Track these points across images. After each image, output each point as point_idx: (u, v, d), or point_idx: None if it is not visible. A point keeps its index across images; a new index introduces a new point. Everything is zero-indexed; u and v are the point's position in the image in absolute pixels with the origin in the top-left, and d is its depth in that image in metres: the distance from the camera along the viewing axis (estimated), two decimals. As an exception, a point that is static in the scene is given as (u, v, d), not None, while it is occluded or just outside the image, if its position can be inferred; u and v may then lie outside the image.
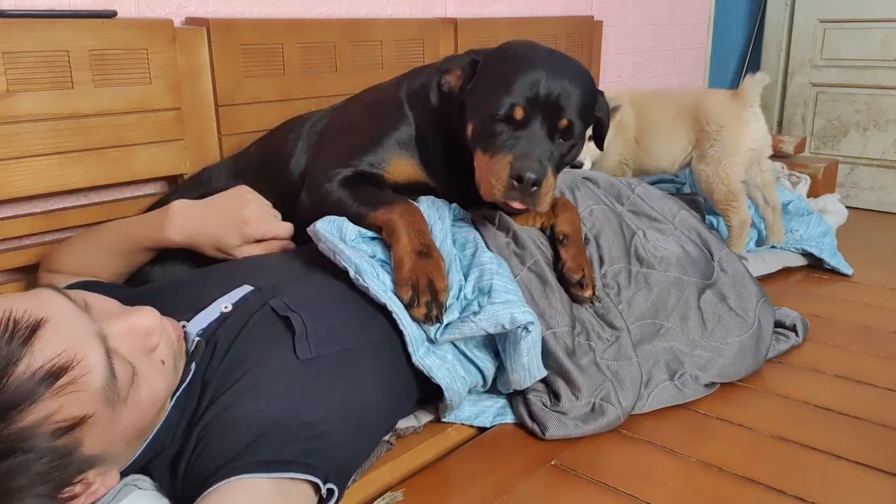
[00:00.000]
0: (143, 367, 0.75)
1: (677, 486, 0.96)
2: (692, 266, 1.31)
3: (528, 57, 1.08)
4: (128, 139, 1.26)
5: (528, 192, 1.02)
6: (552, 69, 1.05)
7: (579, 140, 1.09)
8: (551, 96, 1.04)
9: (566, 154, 1.09)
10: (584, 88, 1.08)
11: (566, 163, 1.10)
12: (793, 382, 1.23)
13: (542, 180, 1.02)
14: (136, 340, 0.75)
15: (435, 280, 0.99)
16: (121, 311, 0.78)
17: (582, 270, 1.17)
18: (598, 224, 1.30)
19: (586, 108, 1.09)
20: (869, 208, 2.61)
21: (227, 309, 0.91)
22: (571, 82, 1.06)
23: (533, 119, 1.04)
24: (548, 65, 1.06)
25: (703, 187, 1.74)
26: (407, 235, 1.03)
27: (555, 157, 1.06)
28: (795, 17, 2.75)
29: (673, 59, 2.84)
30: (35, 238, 1.27)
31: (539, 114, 1.04)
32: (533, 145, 1.03)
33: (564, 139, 1.06)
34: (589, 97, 1.10)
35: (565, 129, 1.05)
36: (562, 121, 1.05)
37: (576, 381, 1.07)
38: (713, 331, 1.24)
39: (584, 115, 1.08)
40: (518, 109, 1.04)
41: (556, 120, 1.05)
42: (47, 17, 1.16)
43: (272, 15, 1.55)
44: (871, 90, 2.63)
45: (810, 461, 1.01)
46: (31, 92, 1.15)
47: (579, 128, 1.07)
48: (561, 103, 1.04)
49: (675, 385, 1.16)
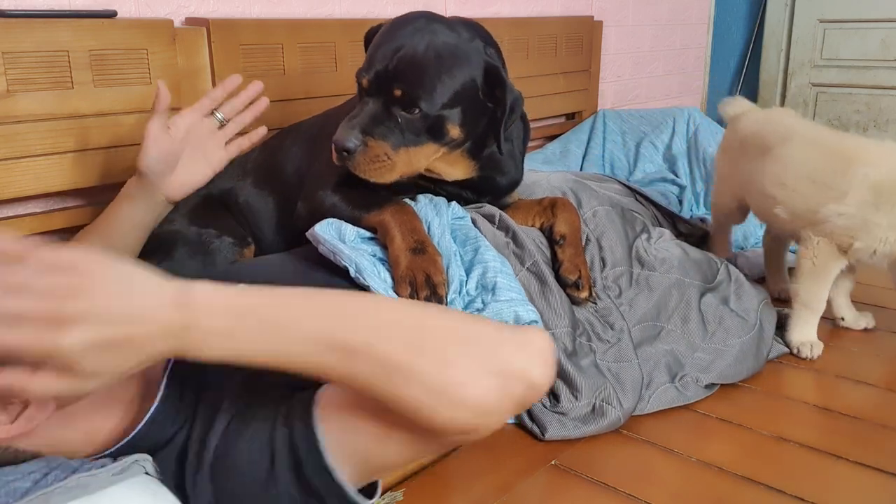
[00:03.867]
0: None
1: (677, 486, 0.96)
2: (694, 268, 1.31)
3: (388, 31, 1.08)
4: (128, 139, 1.26)
5: (346, 160, 1.03)
6: (404, 41, 1.04)
7: (430, 114, 1.04)
8: (387, 65, 1.03)
9: (419, 125, 1.05)
10: (441, 61, 1.04)
11: (431, 136, 1.06)
12: (793, 382, 1.23)
13: (356, 147, 1.02)
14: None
15: (432, 275, 0.99)
16: None
17: (578, 271, 1.17)
18: (601, 226, 1.30)
19: (441, 79, 1.04)
20: (869, 208, 2.61)
21: None
22: (424, 54, 1.03)
23: (375, 90, 1.05)
24: (401, 38, 1.04)
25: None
26: (400, 234, 1.04)
27: (394, 128, 1.04)
28: (795, 17, 2.75)
29: (673, 59, 2.84)
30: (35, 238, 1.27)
31: (380, 84, 1.04)
32: (359, 114, 1.04)
33: (406, 110, 1.04)
34: (454, 71, 1.05)
35: (402, 99, 1.03)
36: (395, 90, 1.03)
37: (576, 382, 1.07)
38: (714, 333, 1.24)
39: (433, 86, 1.03)
40: (364, 79, 1.05)
41: (390, 89, 1.03)
42: (47, 17, 1.16)
43: (272, 15, 1.54)
44: (871, 90, 2.63)
45: (810, 461, 1.01)
46: (31, 92, 1.14)
47: (428, 100, 1.03)
48: (396, 72, 1.03)
49: (675, 387, 1.16)
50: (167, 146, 1.10)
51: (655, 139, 2.09)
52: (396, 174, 1.06)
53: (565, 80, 2.21)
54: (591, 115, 2.26)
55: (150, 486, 0.71)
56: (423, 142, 1.07)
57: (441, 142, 1.08)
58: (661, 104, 2.79)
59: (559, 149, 2.14)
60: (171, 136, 1.11)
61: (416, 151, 1.07)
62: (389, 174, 1.05)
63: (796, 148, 1.32)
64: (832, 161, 1.26)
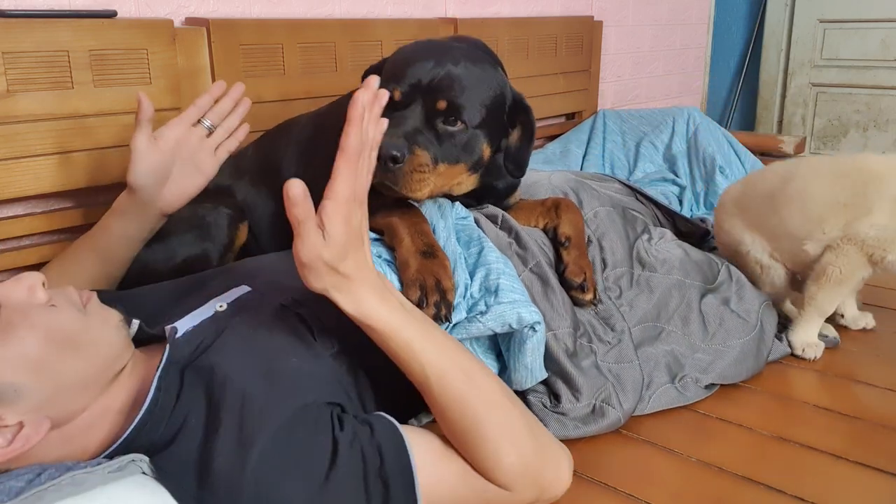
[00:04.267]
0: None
1: (677, 486, 0.96)
2: (695, 269, 1.31)
3: (415, 49, 1.07)
4: (128, 139, 1.24)
5: (389, 170, 0.97)
6: (437, 58, 1.03)
7: (470, 129, 1.04)
8: (426, 79, 1.01)
9: (458, 140, 1.03)
10: (479, 76, 1.05)
11: (467, 153, 1.05)
12: (793, 382, 1.23)
13: (404, 156, 0.97)
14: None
15: (442, 279, 0.99)
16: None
17: (584, 274, 1.17)
18: (602, 226, 1.30)
19: (478, 96, 1.04)
20: (869, 208, 2.61)
21: (221, 308, 0.91)
22: (460, 69, 1.03)
23: (412, 102, 1.02)
24: (433, 55, 1.04)
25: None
26: (409, 237, 1.03)
27: (434, 140, 1.02)
28: (795, 17, 2.76)
29: (673, 59, 2.84)
30: (35, 238, 1.27)
31: (418, 97, 1.02)
32: (401, 123, 1.00)
33: (448, 123, 1.02)
34: (487, 90, 1.06)
35: (447, 111, 1.01)
36: (439, 102, 1.01)
37: (576, 383, 1.07)
38: (714, 333, 1.24)
39: (473, 101, 1.03)
40: (395, 91, 1.01)
41: (433, 101, 1.01)
42: (47, 17, 1.16)
43: (272, 15, 1.54)
44: (871, 90, 2.63)
45: (810, 461, 1.01)
46: (31, 92, 1.14)
47: (470, 114, 1.02)
48: (440, 85, 1.01)
49: (675, 387, 1.16)
50: (156, 159, 1.07)
51: (655, 139, 2.09)
52: (429, 190, 1.03)
53: (565, 80, 2.21)
54: (591, 115, 2.26)
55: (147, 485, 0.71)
56: (457, 160, 1.05)
57: (471, 161, 1.07)
58: (661, 104, 2.79)
59: (559, 149, 2.14)
60: (160, 148, 1.08)
61: (449, 170, 1.05)
62: (425, 188, 1.02)
63: (804, 182, 1.31)
64: (848, 182, 1.26)
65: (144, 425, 0.77)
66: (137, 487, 0.69)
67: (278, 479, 0.73)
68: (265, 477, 0.73)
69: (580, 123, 2.24)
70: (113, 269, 1.12)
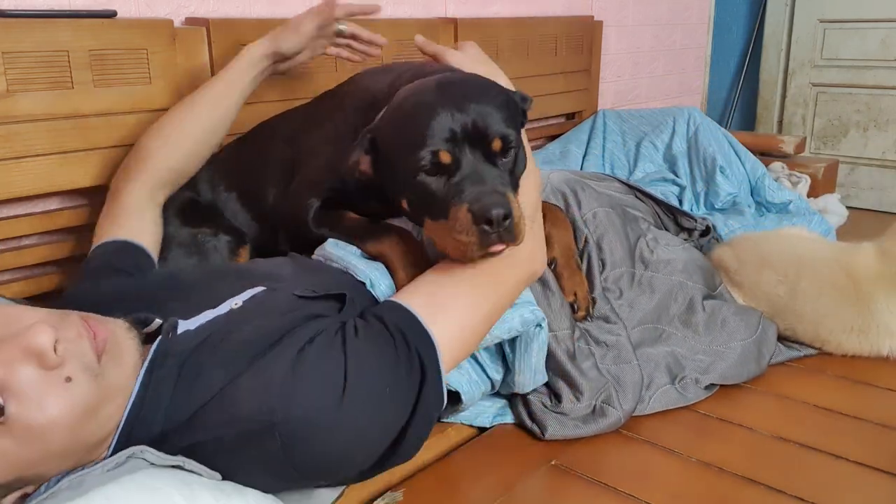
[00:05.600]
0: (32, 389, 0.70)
1: (677, 486, 0.96)
2: (698, 273, 1.31)
3: (422, 104, 0.94)
4: (128, 139, 1.26)
5: (505, 229, 0.87)
6: (452, 100, 0.92)
7: (518, 146, 0.95)
8: (468, 126, 0.90)
9: (514, 168, 0.95)
10: (494, 97, 0.95)
11: (518, 176, 0.97)
12: (793, 382, 1.23)
13: (511, 209, 0.87)
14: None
15: None
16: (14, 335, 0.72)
17: (574, 294, 1.17)
18: (601, 227, 1.30)
19: (509, 114, 0.95)
20: (869, 208, 2.62)
21: (236, 305, 0.92)
22: (480, 100, 0.92)
23: (463, 157, 0.90)
24: (445, 99, 0.92)
25: None
26: (402, 269, 1.00)
27: (507, 179, 0.92)
28: (795, 17, 2.75)
29: (673, 59, 2.83)
30: (35, 238, 1.27)
31: (467, 149, 0.90)
32: (479, 180, 0.89)
33: (505, 156, 0.93)
34: (503, 101, 0.96)
35: (502, 148, 0.92)
36: (494, 142, 0.91)
37: (577, 384, 1.07)
38: (716, 335, 1.24)
39: (510, 122, 0.94)
40: (442, 153, 0.89)
41: (487, 144, 0.91)
42: (47, 17, 1.15)
43: (272, 15, 1.54)
44: (871, 90, 2.63)
45: (810, 461, 1.01)
46: (31, 92, 1.14)
47: (513, 136, 0.93)
48: (483, 126, 0.90)
49: (675, 388, 1.16)
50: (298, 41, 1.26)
51: (655, 139, 2.09)
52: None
53: (565, 80, 2.21)
54: (591, 114, 2.26)
55: (147, 481, 0.70)
56: (516, 183, 0.96)
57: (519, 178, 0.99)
58: (661, 104, 2.79)
59: (559, 149, 2.14)
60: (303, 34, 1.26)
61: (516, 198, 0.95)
62: (525, 231, 0.92)
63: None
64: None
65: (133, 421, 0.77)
66: (136, 486, 0.69)
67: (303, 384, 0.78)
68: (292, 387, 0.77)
69: (580, 123, 2.23)
70: (223, 127, 1.26)
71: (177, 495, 0.69)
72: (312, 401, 0.77)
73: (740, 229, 1.71)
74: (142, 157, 1.18)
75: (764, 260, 1.37)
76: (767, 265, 1.36)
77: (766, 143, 2.27)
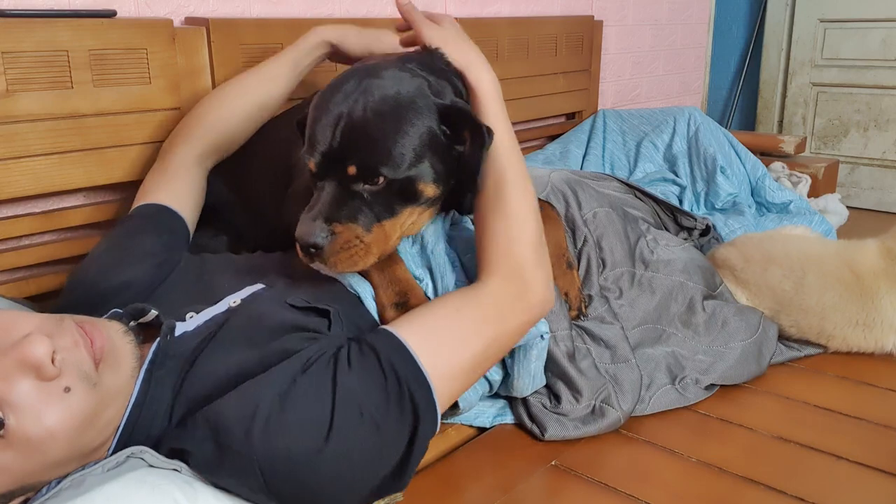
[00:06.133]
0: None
1: (677, 486, 0.96)
2: (698, 273, 1.31)
3: (326, 98, 0.93)
4: (127, 139, 1.26)
5: (314, 256, 0.89)
6: (341, 109, 0.90)
7: (408, 169, 0.91)
8: (335, 142, 0.89)
9: (389, 193, 0.91)
10: (393, 117, 0.90)
11: (406, 200, 0.94)
12: (793, 382, 1.23)
13: (326, 238, 0.88)
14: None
15: None
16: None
17: (565, 294, 1.17)
18: (600, 227, 1.30)
19: (399, 138, 0.90)
20: (869, 208, 2.61)
21: (235, 303, 0.93)
22: (365, 119, 0.89)
23: (327, 172, 0.91)
24: (339, 103, 0.91)
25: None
26: (381, 287, 1.00)
27: (361, 206, 0.90)
28: (795, 17, 2.75)
29: (673, 59, 2.83)
30: (35, 238, 1.26)
31: (331, 164, 0.90)
32: (318, 202, 0.90)
33: (369, 183, 0.90)
34: (409, 124, 0.91)
35: (360, 175, 0.89)
36: (349, 168, 0.89)
37: (576, 384, 1.07)
38: (716, 335, 1.24)
39: (392, 149, 0.90)
40: (311, 163, 0.91)
41: (342, 168, 0.89)
42: (47, 17, 1.15)
43: (272, 15, 1.54)
44: (872, 90, 2.63)
45: (810, 461, 1.01)
46: (31, 92, 1.14)
47: (391, 165, 0.90)
48: (346, 146, 0.89)
49: (676, 389, 1.16)
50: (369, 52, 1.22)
51: (656, 139, 2.08)
52: (373, 257, 0.93)
53: (565, 80, 2.20)
54: (591, 114, 2.26)
55: (147, 480, 0.70)
56: (397, 210, 0.94)
57: (417, 203, 0.96)
58: (661, 104, 2.79)
59: (559, 149, 2.14)
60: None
61: (392, 223, 0.94)
62: (365, 259, 0.92)
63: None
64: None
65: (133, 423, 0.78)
66: (136, 484, 0.69)
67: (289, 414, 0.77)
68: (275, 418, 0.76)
69: (580, 123, 2.23)
70: (276, 103, 1.27)
71: (178, 493, 0.69)
72: (295, 439, 0.74)
73: (740, 229, 1.71)
74: (193, 120, 1.21)
75: (770, 257, 1.38)
76: (773, 262, 1.36)
77: (766, 143, 2.27)
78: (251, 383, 0.78)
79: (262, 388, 0.78)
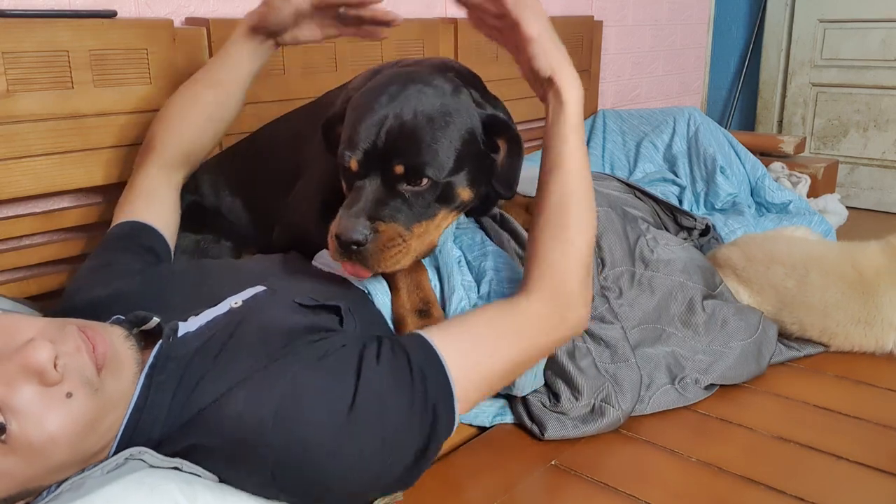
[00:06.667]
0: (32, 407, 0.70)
1: (677, 486, 0.96)
2: (698, 273, 1.31)
3: (367, 99, 0.95)
4: (127, 139, 1.26)
5: (353, 253, 0.90)
6: (389, 109, 0.92)
7: (448, 176, 0.94)
8: (380, 141, 0.91)
9: (429, 196, 0.94)
10: (439, 122, 0.94)
11: (443, 203, 0.97)
12: (793, 382, 1.23)
13: (367, 238, 0.89)
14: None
15: None
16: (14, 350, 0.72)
17: None
18: (601, 227, 1.29)
19: (443, 143, 0.93)
20: (869, 208, 2.61)
21: (236, 304, 0.92)
22: (416, 122, 0.92)
23: (369, 170, 0.92)
24: (384, 105, 0.93)
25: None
26: (406, 291, 1.00)
27: (401, 206, 0.92)
28: (795, 17, 2.75)
29: (673, 59, 2.84)
30: (35, 238, 1.27)
31: (375, 162, 0.92)
32: (359, 199, 0.91)
33: (413, 184, 0.92)
34: (453, 129, 0.95)
35: (406, 175, 0.92)
36: (396, 167, 0.91)
37: (576, 383, 1.07)
38: (715, 335, 1.24)
39: (437, 152, 0.93)
40: (352, 161, 0.92)
41: (390, 167, 0.92)
42: (47, 17, 1.15)
43: (272, 15, 1.54)
44: (871, 90, 2.63)
45: (810, 461, 1.01)
46: (31, 92, 1.14)
47: (435, 167, 0.93)
48: (395, 146, 0.91)
49: (675, 389, 1.16)
50: (291, 13, 1.13)
51: (656, 139, 2.09)
52: (412, 255, 0.95)
53: (565, 80, 2.20)
54: (590, 114, 2.26)
55: (146, 481, 0.70)
56: (434, 211, 0.96)
57: (451, 207, 0.99)
58: (661, 104, 2.79)
59: (559, 149, 2.14)
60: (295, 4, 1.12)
61: (429, 224, 0.96)
62: (406, 258, 0.94)
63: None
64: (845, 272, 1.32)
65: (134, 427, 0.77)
66: (136, 485, 0.69)
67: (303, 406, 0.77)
68: (288, 408, 0.76)
69: (580, 123, 2.23)
70: (227, 108, 1.20)
71: (178, 493, 0.70)
72: (311, 430, 0.75)
73: (740, 230, 1.71)
74: (148, 141, 1.19)
75: (773, 256, 1.38)
76: (776, 261, 1.37)
77: (766, 143, 2.27)
78: (263, 377, 0.78)
79: (275, 380, 0.78)
